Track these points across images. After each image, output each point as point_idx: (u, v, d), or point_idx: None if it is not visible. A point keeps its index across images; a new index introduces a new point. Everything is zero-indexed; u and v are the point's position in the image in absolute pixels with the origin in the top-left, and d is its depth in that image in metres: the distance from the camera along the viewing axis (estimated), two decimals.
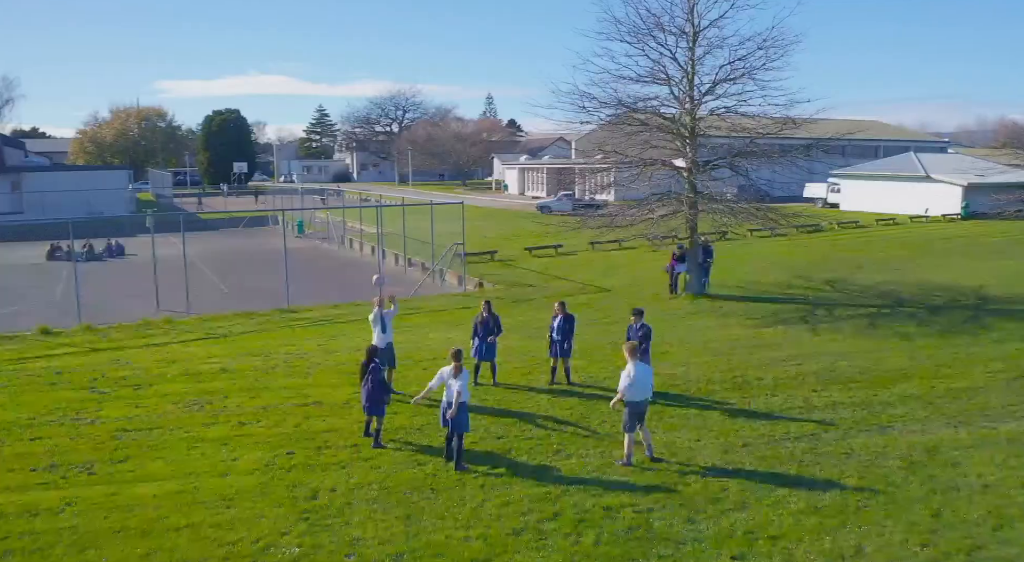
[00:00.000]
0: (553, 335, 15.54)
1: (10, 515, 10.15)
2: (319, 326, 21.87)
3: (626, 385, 11.46)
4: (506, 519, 9.93)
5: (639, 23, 23.07)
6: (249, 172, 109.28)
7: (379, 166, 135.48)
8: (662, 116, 23.83)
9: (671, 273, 25.04)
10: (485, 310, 15.69)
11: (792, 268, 29.77)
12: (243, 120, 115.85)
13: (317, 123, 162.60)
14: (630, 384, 11.44)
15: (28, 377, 16.48)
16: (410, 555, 9.08)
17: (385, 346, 14.80)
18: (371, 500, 10.56)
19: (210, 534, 9.65)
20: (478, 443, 12.60)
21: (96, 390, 15.55)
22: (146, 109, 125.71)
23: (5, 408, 14.42)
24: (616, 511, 10.13)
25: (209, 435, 13.09)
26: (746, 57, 22.75)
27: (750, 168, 24.42)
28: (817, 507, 10.23)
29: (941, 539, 9.34)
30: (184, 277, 25.03)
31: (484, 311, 15.69)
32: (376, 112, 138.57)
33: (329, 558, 9.05)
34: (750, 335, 19.51)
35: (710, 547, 9.19)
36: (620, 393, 11.61)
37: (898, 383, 15.51)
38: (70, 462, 11.91)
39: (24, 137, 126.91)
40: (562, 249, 35.66)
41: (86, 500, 10.59)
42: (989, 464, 11.56)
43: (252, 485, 11.10)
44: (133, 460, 12.02)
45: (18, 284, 31.09)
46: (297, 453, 12.27)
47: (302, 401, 14.75)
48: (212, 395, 15.17)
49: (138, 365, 17.49)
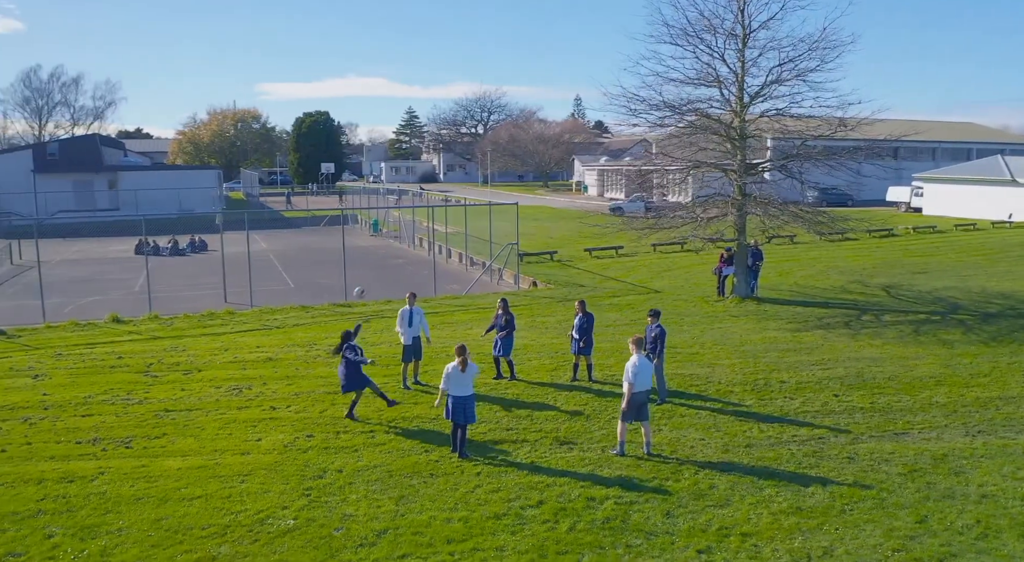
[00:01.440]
0: (573, 333, 15.93)
1: (49, 480, 11.29)
2: (368, 320, 22.80)
3: (633, 376, 11.79)
4: (491, 504, 10.42)
5: (687, 25, 23.09)
6: (336, 172, 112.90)
7: (465, 167, 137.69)
8: (711, 118, 23.75)
9: (719, 275, 24.92)
10: (501, 308, 16.18)
11: (852, 273, 29.05)
12: (331, 122, 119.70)
13: (407, 125, 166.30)
14: (635, 376, 11.77)
15: (92, 361, 17.96)
16: (393, 532, 9.69)
17: (412, 340, 15.57)
18: (372, 481, 11.24)
19: (219, 504, 10.52)
20: (488, 433, 13.12)
21: (150, 374, 16.85)
22: (241, 111, 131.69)
23: (66, 387, 15.83)
24: (599, 502, 10.47)
25: (241, 417, 14.07)
26: (796, 59, 22.47)
27: (801, 171, 24.02)
28: (800, 508, 10.30)
29: (917, 545, 9.30)
30: (247, 272, 26.39)
31: (500, 308, 16.19)
32: (462, 114, 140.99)
33: (319, 531, 9.76)
34: (787, 339, 19.32)
35: (680, 540, 9.44)
36: (629, 386, 11.88)
37: (925, 390, 15.18)
38: (112, 437, 13.07)
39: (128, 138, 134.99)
40: (623, 251, 35.75)
41: (118, 470, 11.66)
42: (995, 474, 11.31)
43: (268, 463, 11.94)
44: (168, 437, 13.08)
45: (104, 276, 33.42)
46: (316, 436, 13.08)
47: (333, 389, 15.59)
48: (252, 381, 16.21)
49: (192, 352, 18.78)
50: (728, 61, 23.18)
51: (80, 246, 43.91)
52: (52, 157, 59.31)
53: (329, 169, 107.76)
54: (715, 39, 23.13)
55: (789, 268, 30.58)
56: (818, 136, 23.36)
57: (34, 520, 10.10)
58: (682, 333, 20.07)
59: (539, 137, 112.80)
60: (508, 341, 15.99)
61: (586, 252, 35.84)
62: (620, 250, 35.68)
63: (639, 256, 35.04)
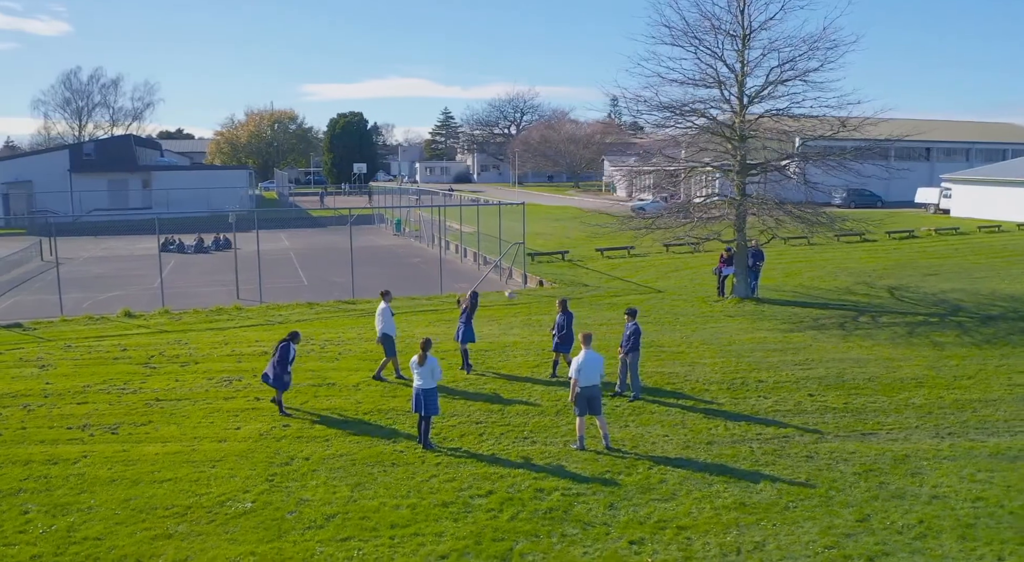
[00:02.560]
0: (553, 331, 16.27)
1: (35, 462, 11.97)
2: (369, 317, 23.30)
3: (575, 371, 12.17)
4: (442, 493, 10.81)
5: (685, 26, 23.20)
6: (369, 172, 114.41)
7: (499, 167, 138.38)
8: (710, 118, 23.83)
9: (719, 276, 24.99)
10: (472, 299, 16.82)
11: (861, 274, 28.83)
12: (364, 122, 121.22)
13: (442, 125, 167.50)
14: (578, 370, 12.13)
15: (98, 353, 18.75)
16: (341, 516, 10.13)
17: (383, 336, 16.15)
18: (335, 469, 11.70)
19: (186, 487, 11.07)
20: (456, 426, 13.51)
21: (149, 365, 17.56)
22: (278, 112, 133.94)
23: (68, 377, 16.60)
24: (547, 493, 10.79)
25: (226, 407, 14.65)
26: (796, 59, 22.45)
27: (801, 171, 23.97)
28: (744, 503, 10.49)
29: (851, 543, 9.43)
30: (257, 269, 27.13)
31: (471, 299, 16.90)
32: (495, 114, 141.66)
33: (273, 513, 10.24)
34: (776, 339, 19.37)
35: (615, 531, 9.72)
36: (574, 380, 12.29)
37: (904, 392, 15.18)
38: (101, 423, 13.74)
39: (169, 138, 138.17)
40: (634, 251, 35.86)
41: (100, 454, 12.29)
42: (953, 476, 11.35)
43: (241, 450, 12.48)
44: (153, 424, 13.70)
45: (128, 272, 34.52)
46: (292, 426, 13.59)
47: (319, 382, 16.13)
48: (244, 373, 16.81)
49: (194, 346, 19.48)
50: (728, 61, 23.25)
51: (109, 243, 45.30)
52: (88, 157, 61.26)
53: (361, 169, 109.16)
54: (716, 39, 23.23)
55: (799, 269, 30.46)
56: (819, 136, 23.30)
57: (14, 498, 10.75)
58: (673, 332, 20.24)
59: (570, 137, 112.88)
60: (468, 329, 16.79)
61: (597, 252, 36.02)
62: (631, 250, 35.79)
63: (650, 256, 35.14)
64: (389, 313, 16.50)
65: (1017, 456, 12.09)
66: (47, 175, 57.84)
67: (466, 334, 16.86)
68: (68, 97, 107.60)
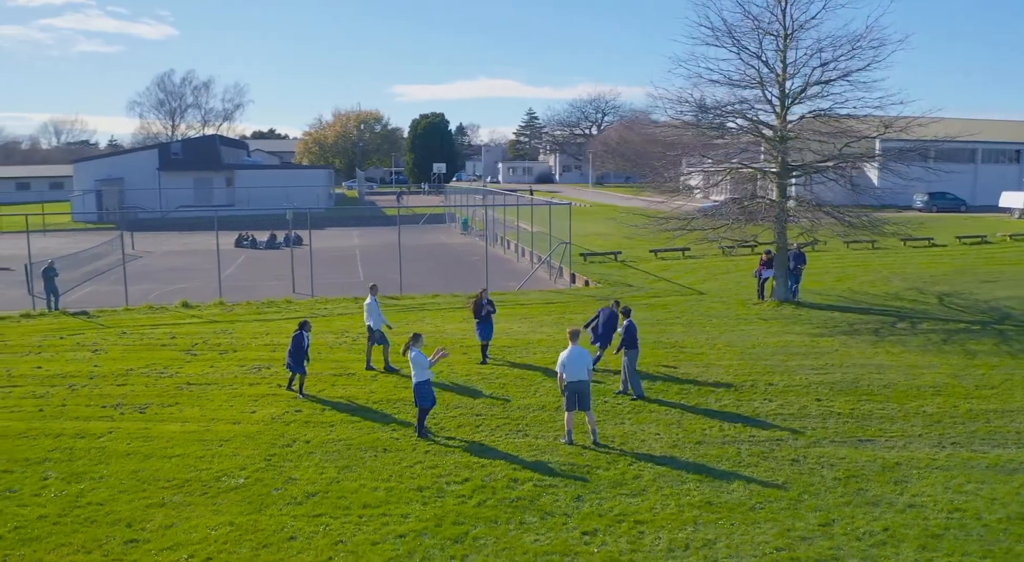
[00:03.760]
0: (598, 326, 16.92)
1: (65, 436, 13.14)
2: (408, 311, 24.15)
3: (560, 366, 12.54)
4: (421, 479, 11.35)
5: (730, 26, 23.05)
6: (448, 172, 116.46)
7: (580, 168, 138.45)
8: (750, 119, 23.59)
9: (759, 278, 24.70)
10: (482, 295, 17.48)
11: (915, 279, 27.86)
12: (446, 123, 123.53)
13: (526, 125, 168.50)
14: (563, 364, 12.50)
15: (148, 339, 20.16)
16: (321, 495, 10.81)
17: (380, 327, 17.18)
18: (329, 452, 12.41)
19: (191, 463, 11.98)
20: (456, 417, 14.04)
21: (191, 352, 18.78)
22: (364, 113, 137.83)
23: (116, 360, 17.97)
24: (520, 483, 11.19)
25: (248, 392, 15.62)
26: (839, 58, 22.01)
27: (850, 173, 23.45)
28: (711, 502, 10.61)
29: (804, 546, 9.43)
30: (309, 265, 28.36)
31: (481, 296, 17.67)
32: (576, 115, 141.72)
33: (261, 489, 11.01)
34: (803, 343, 19.11)
35: (573, 522, 10.03)
36: (560, 375, 12.66)
37: (918, 400, 14.84)
38: (133, 403, 14.90)
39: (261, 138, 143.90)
40: (689, 253, 35.60)
41: (124, 431, 13.39)
42: (938, 486, 11.13)
43: (251, 432, 13.35)
44: (178, 406, 14.77)
45: (199, 266, 36.49)
46: (304, 411, 14.42)
47: (340, 371, 16.96)
48: (275, 362, 17.77)
49: (237, 335, 20.67)
50: (769, 62, 22.98)
51: (190, 239, 47.81)
52: (175, 156, 64.89)
53: (440, 169, 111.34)
54: (757, 39, 22.99)
55: (853, 273, 29.67)
56: (863, 137, 22.77)
57: (39, 466, 11.90)
58: (700, 334, 20.22)
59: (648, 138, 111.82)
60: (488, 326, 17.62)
61: (651, 253, 35.92)
62: (687, 252, 35.54)
63: (705, 258, 34.81)
64: (375, 307, 17.28)
65: (1016, 469, 11.74)
66: (137, 173, 61.62)
67: (483, 330, 17.47)
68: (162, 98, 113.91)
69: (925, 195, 56.21)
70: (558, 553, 9.26)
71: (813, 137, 23.05)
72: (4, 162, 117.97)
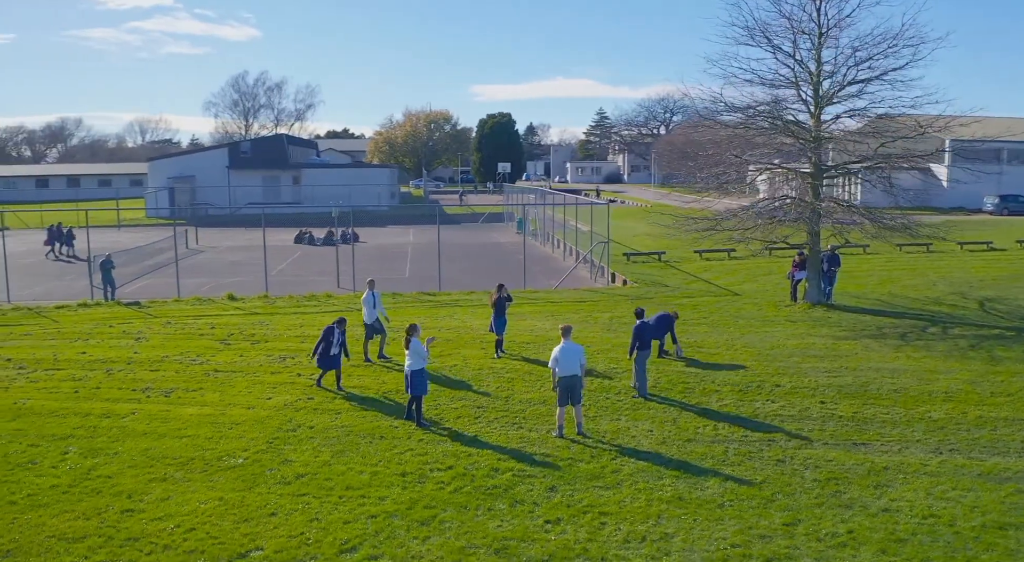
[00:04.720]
0: None
1: (92, 415, 14.18)
2: (441, 307, 24.78)
3: (553, 361, 12.88)
4: (407, 465, 11.88)
5: (765, 25, 22.87)
6: (513, 172, 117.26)
7: (649, 168, 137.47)
8: (784, 120, 23.33)
9: (792, 280, 24.39)
10: (499, 291, 17.90)
11: (961, 284, 26.96)
12: (513, 123, 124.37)
13: (596, 125, 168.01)
14: (556, 359, 12.86)
15: (189, 329, 21.33)
16: (309, 476, 11.45)
17: (374, 320, 17.84)
18: (329, 438, 13.07)
19: (199, 443, 12.81)
20: (458, 409, 14.53)
21: (225, 342, 19.81)
22: (434, 113, 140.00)
23: (154, 348, 19.13)
24: (500, 472, 11.59)
25: (268, 380, 16.46)
26: (874, 57, 21.60)
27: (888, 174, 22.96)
28: (682, 498, 10.79)
29: (760, 544, 9.50)
30: (352, 261, 29.31)
31: (498, 292, 18.15)
32: (644, 115, 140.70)
33: (256, 469, 11.73)
34: (824, 345, 18.88)
35: (540, 510, 10.38)
36: (553, 370, 13.01)
37: (926, 405, 14.57)
38: (161, 388, 15.91)
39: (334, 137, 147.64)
40: (734, 254, 35.24)
41: (146, 412, 14.35)
42: (920, 491, 11.00)
43: (261, 417, 14.14)
44: (201, 391, 15.70)
45: (257, 260, 37.98)
46: (316, 399, 15.14)
47: (357, 363, 17.65)
48: (299, 352, 18.61)
49: (272, 326, 21.66)
50: (804, 61, 22.70)
51: (253, 234, 49.70)
52: (245, 155, 67.48)
53: (505, 169, 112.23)
54: (792, 38, 22.75)
55: (897, 276, 28.90)
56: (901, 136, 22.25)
57: (62, 441, 12.93)
58: (722, 334, 20.18)
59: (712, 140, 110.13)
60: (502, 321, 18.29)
61: (695, 253, 35.69)
62: (732, 253, 35.18)
63: (749, 259, 34.35)
64: (370, 300, 17.88)
65: (1008, 478, 11.49)
66: (208, 171, 64.40)
67: (498, 325, 17.96)
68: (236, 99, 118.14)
69: (996, 198, 53.99)
70: (516, 538, 9.63)
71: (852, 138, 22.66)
72: (90, 159, 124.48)
